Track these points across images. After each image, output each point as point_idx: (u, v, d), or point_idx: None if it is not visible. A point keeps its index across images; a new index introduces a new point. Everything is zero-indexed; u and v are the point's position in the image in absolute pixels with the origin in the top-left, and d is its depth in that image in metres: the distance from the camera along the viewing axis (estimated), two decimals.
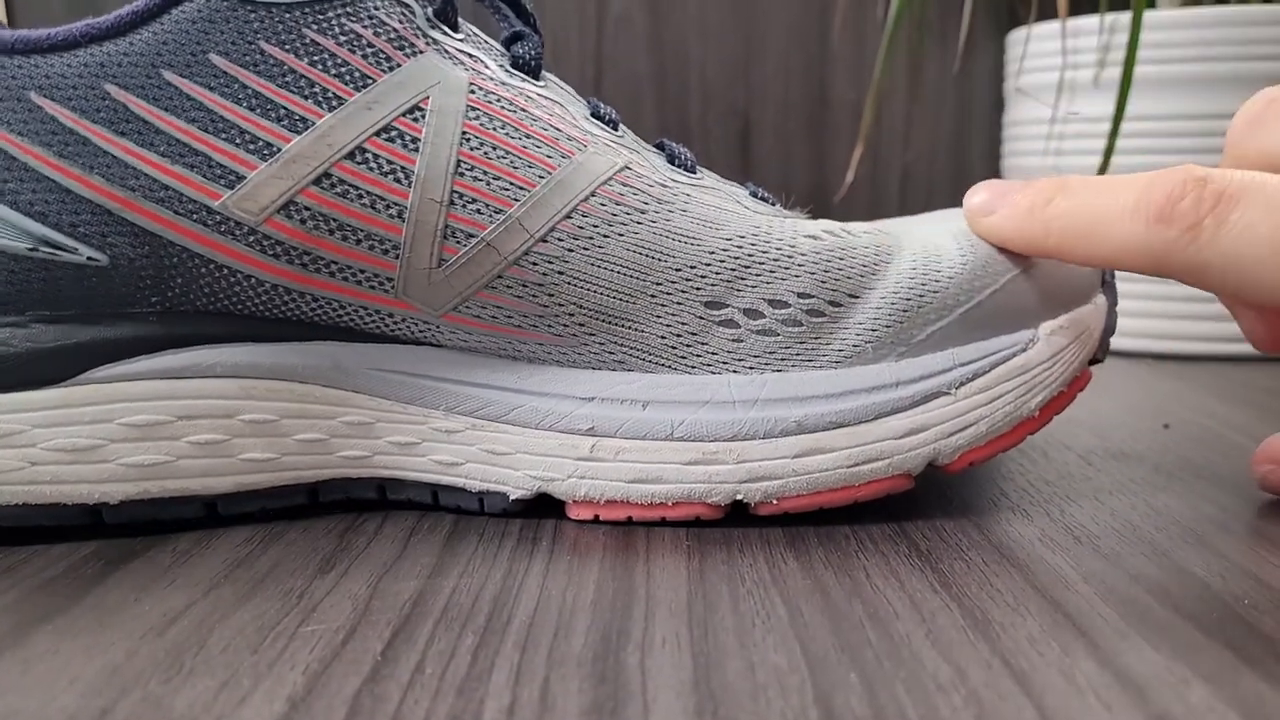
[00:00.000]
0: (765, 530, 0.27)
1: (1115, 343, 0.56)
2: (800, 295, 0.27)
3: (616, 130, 0.29)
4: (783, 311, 0.27)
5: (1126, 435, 0.37)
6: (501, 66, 0.28)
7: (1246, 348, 0.53)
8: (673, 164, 0.29)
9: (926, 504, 0.29)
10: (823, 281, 0.27)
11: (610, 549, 0.26)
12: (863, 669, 0.19)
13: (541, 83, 0.28)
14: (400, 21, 0.26)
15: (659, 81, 0.74)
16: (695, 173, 0.29)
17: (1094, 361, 0.29)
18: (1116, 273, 0.30)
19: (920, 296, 0.27)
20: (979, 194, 0.28)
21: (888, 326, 0.27)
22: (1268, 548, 0.25)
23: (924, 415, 0.26)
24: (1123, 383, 0.48)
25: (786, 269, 0.27)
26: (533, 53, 0.28)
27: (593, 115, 0.29)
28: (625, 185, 0.27)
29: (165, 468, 0.27)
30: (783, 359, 0.27)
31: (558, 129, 0.27)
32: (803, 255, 0.27)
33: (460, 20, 0.28)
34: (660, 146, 0.29)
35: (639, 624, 0.21)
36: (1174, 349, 0.54)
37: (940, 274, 0.27)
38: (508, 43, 0.29)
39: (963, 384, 0.26)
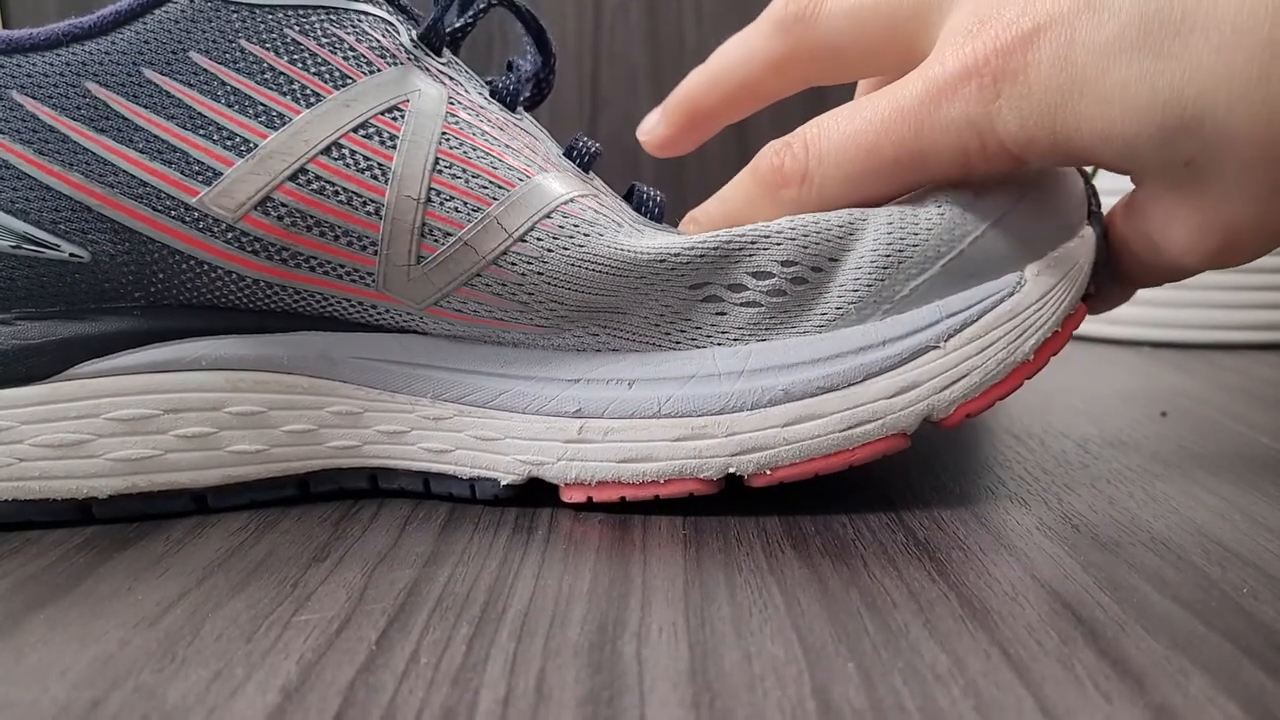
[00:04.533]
0: (762, 519, 0.27)
1: (1113, 331, 0.56)
2: (784, 263, 0.26)
3: (587, 173, 0.29)
4: (766, 282, 0.26)
5: (1124, 423, 0.37)
6: (480, 94, 0.28)
7: (1244, 336, 0.53)
8: (640, 211, 0.29)
9: (924, 493, 0.29)
10: (804, 247, 0.26)
11: (606, 538, 0.25)
12: (860, 659, 0.19)
13: (517, 115, 0.29)
14: (383, 35, 0.26)
15: (655, 72, 0.73)
16: (662, 221, 0.29)
17: (1087, 297, 0.28)
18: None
19: (900, 251, 0.26)
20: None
21: (869, 286, 0.26)
22: (1267, 536, 0.25)
23: (915, 372, 0.26)
24: (1120, 371, 0.48)
25: (766, 239, 0.26)
26: (512, 86, 0.29)
27: (567, 154, 0.29)
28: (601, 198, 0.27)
29: (153, 461, 0.27)
30: (767, 328, 0.26)
31: (533, 151, 0.27)
32: (778, 231, 0.26)
33: (444, 49, 0.28)
34: (629, 195, 0.30)
35: (635, 613, 0.21)
36: (1172, 337, 0.54)
37: (918, 226, 0.26)
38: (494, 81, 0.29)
39: (951, 336, 0.26)
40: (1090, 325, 0.56)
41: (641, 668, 0.19)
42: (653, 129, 0.34)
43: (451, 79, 0.27)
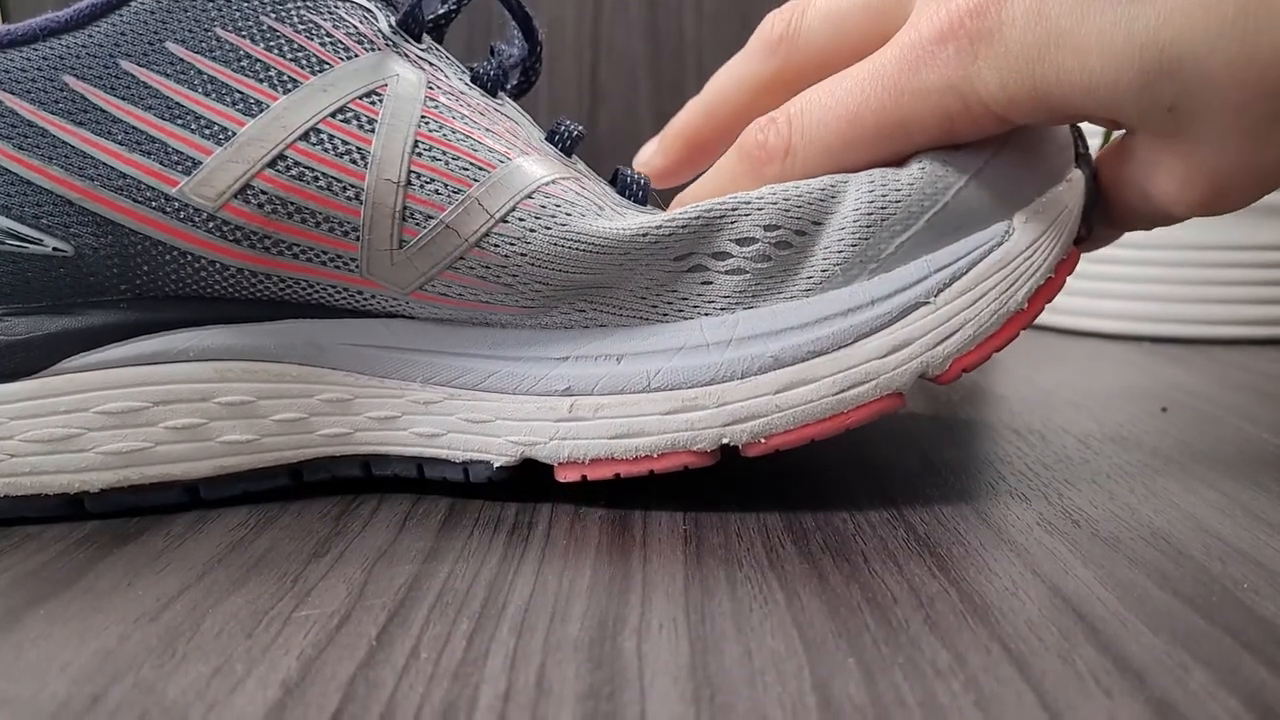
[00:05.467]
0: (763, 515, 0.27)
1: (1113, 326, 0.56)
2: (767, 228, 0.26)
3: (570, 157, 0.29)
4: (750, 248, 0.26)
5: (1124, 419, 0.37)
6: (461, 79, 0.28)
7: (1245, 330, 0.53)
8: (623, 194, 0.29)
9: (924, 488, 0.29)
10: (786, 210, 0.26)
11: (606, 534, 0.25)
12: (861, 654, 0.19)
13: (499, 100, 0.28)
14: (361, 22, 0.26)
15: (655, 64, 0.73)
16: (646, 204, 0.29)
17: (1079, 240, 0.28)
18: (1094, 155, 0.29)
19: (882, 209, 0.26)
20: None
21: (854, 246, 0.26)
22: (1267, 531, 0.25)
23: (906, 330, 0.26)
24: (1120, 366, 0.48)
25: (748, 205, 0.26)
26: (493, 71, 0.28)
27: (549, 138, 0.29)
28: (583, 179, 0.27)
29: (144, 454, 0.27)
30: (754, 296, 0.26)
31: (514, 135, 0.27)
32: (759, 197, 0.26)
33: (424, 35, 0.28)
34: (614, 179, 0.30)
35: (636, 609, 0.21)
36: (1171, 332, 0.54)
37: (900, 183, 0.26)
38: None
39: (941, 290, 0.26)
40: (1090, 320, 0.56)
41: (642, 663, 0.19)
42: (649, 160, 0.34)
43: (431, 64, 0.27)
